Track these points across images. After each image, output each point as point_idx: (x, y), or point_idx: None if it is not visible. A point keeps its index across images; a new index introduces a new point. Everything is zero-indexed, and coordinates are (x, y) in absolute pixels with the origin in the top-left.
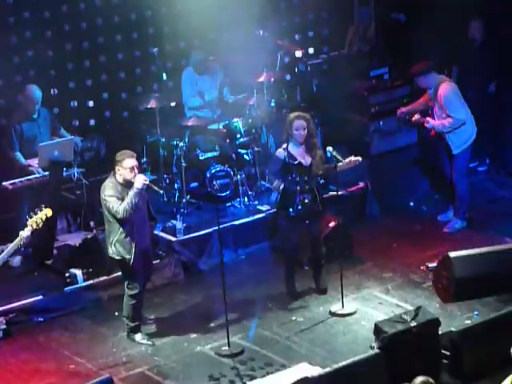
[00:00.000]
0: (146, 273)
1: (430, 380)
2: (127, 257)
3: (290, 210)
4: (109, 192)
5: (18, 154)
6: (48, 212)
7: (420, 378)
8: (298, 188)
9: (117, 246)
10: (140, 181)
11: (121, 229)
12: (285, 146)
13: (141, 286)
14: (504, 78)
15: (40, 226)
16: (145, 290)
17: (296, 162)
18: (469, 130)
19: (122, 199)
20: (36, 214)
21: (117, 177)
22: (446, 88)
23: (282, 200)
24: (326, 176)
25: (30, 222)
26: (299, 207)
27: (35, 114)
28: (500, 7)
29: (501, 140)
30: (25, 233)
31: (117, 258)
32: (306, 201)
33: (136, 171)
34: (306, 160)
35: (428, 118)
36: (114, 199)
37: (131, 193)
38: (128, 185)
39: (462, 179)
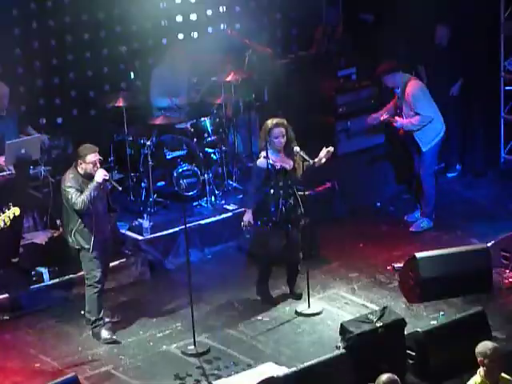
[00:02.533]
0: (105, 264)
1: (395, 377)
2: (86, 246)
3: (273, 215)
4: (69, 183)
5: None
6: (16, 211)
7: (385, 376)
8: (282, 192)
9: (76, 235)
10: (100, 175)
11: (79, 220)
12: (264, 154)
13: (101, 275)
14: (470, 82)
15: (8, 224)
16: (105, 282)
17: (279, 167)
18: (437, 127)
19: (82, 191)
20: (4, 212)
21: (78, 169)
22: (414, 85)
23: (264, 206)
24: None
25: None
26: (283, 211)
27: (3, 111)
28: (465, 12)
29: (469, 142)
30: None
31: (76, 247)
32: (289, 205)
33: (98, 165)
34: (289, 164)
35: (396, 118)
36: (73, 190)
37: (90, 186)
38: (89, 178)
39: (428, 177)
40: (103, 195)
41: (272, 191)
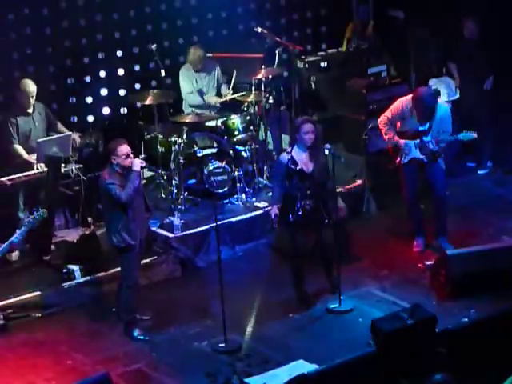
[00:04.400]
0: (140, 264)
1: (447, 377)
2: (132, 243)
3: (290, 215)
4: (109, 180)
5: (18, 147)
6: (44, 213)
7: (437, 376)
8: (299, 194)
9: (122, 233)
10: (137, 164)
11: (125, 215)
12: (289, 149)
13: (137, 276)
14: (502, 77)
15: (36, 225)
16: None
17: (298, 168)
18: None
19: (121, 187)
20: (32, 214)
21: (114, 167)
22: (447, 108)
23: (283, 206)
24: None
25: (26, 221)
26: (299, 213)
27: (30, 108)
28: (495, 5)
29: (499, 138)
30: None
31: (122, 245)
32: (308, 207)
33: (131, 156)
34: (308, 167)
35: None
36: (114, 186)
37: (131, 176)
38: (125, 172)
39: (446, 195)
40: (140, 195)
41: (290, 190)
